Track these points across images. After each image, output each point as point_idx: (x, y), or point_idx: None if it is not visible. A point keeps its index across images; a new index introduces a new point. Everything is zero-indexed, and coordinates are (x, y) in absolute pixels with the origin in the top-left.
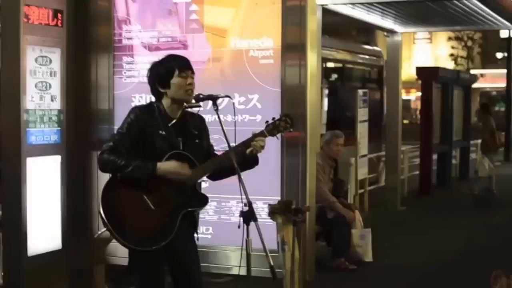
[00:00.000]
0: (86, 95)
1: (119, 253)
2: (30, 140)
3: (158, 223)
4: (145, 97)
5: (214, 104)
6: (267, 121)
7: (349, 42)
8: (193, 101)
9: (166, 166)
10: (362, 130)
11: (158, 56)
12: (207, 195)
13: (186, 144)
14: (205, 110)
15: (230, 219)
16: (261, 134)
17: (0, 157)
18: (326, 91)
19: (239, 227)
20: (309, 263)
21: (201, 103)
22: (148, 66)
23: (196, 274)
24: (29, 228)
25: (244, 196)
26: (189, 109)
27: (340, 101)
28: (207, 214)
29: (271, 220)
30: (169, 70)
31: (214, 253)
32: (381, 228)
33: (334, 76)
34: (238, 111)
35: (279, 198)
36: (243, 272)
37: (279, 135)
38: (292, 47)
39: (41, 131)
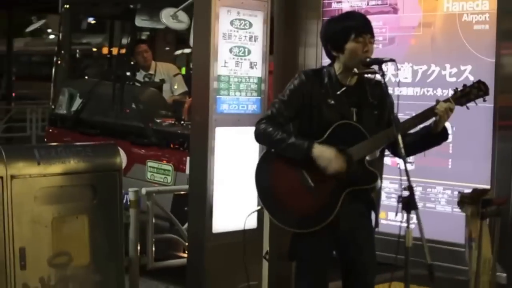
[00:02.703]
0: (292, 64)
1: None
2: (221, 108)
3: (317, 202)
4: None
5: (380, 69)
6: (456, 88)
7: None
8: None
9: (321, 152)
10: None
11: None
12: (413, 178)
13: (361, 115)
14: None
15: (436, 208)
16: (446, 101)
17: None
18: None
19: (396, 214)
20: None
21: (375, 68)
22: None
23: (365, 267)
24: (218, 203)
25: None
26: (368, 75)
27: None
28: None
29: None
30: (345, 32)
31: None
32: None
33: None
34: (448, 84)
35: (488, 186)
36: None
37: (469, 105)
38: (510, 11)
39: (236, 99)
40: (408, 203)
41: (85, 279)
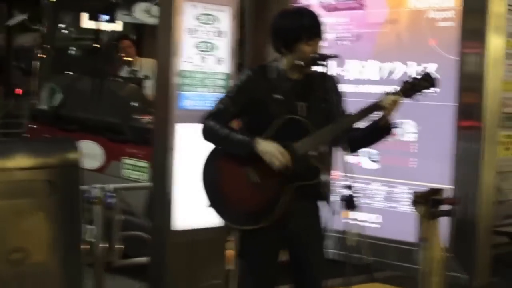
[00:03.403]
0: (262, 59)
1: None
2: (184, 104)
3: (263, 198)
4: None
5: (324, 64)
6: (403, 80)
7: None
8: None
9: (264, 147)
10: None
11: (336, 17)
12: (377, 178)
13: (309, 109)
14: None
15: (399, 208)
16: (393, 94)
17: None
18: None
19: (334, 213)
20: (481, 265)
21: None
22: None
23: (313, 266)
24: (180, 200)
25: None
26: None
27: None
28: (375, 200)
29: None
30: (296, 33)
31: (383, 246)
32: None
33: None
34: None
35: (449, 187)
36: None
37: (417, 97)
38: (473, 9)
39: (201, 95)
40: (348, 202)
41: (42, 276)
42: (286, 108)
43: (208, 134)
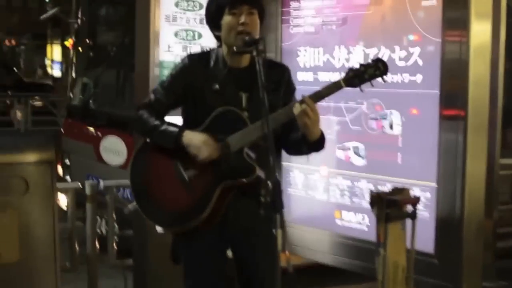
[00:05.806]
0: None
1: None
2: None
3: (192, 197)
4: (311, 51)
5: (256, 49)
6: (350, 67)
7: None
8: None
9: (190, 139)
10: None
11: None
12: (364, 174)
13: (253, 100)
14: None
15: None
16: (335, 84)
17: None
18: None
19: (261, 214)
20: (469, 272)
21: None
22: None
23: (259, 267)
24: None
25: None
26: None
27: None
28: (363, 198)
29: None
30: (219, 8)
31: (368, 250)
32: None
33: None
34: (398, 69)
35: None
36: None
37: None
38: None
39: None
40: (274, 202)
41: (14, 277)
42: (224, 99)
43: (137, 126)
